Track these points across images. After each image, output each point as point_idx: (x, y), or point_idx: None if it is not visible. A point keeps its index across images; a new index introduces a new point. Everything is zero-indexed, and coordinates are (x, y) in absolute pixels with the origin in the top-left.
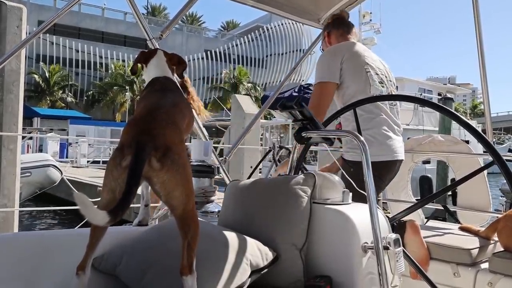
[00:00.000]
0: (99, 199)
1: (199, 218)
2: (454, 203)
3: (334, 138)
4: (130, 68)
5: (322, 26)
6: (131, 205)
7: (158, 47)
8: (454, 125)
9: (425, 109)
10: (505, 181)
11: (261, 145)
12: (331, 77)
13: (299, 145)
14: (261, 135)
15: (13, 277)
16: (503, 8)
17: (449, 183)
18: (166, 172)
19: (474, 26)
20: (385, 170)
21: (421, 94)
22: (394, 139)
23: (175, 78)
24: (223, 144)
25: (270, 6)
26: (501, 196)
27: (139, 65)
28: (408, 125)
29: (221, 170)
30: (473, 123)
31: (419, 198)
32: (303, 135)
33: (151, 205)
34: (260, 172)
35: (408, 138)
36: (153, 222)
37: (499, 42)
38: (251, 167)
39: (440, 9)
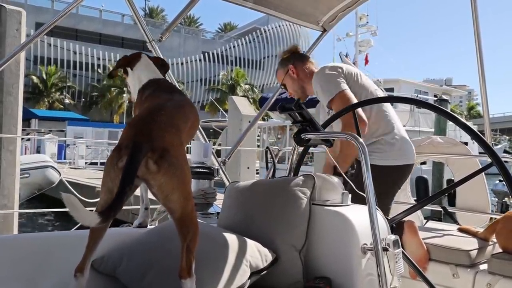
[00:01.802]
0: (98, 199)
1: (198, 220)
2: (450, 203)
3: (333, 140)
4: (109, 73)
5: (321, 28)
6: (131, 207)
7: (158, 49)
8: (450, 126)
9: (421, 111)
10: (497, 182)
11: (258, 146)
12: (344, 86)
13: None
14: (258, 136)
15: (13, 278)
16: (499, 10)
17: (444, 183)
18: (163, 175)
19: (472, 28)
20: (407, 174)
21: (417, 96)
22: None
23: None
24: (219, 145)
25: (269, 8)
26: (493, 197)
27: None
28: (404, 126)
29: (220, 171)
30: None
31: (415, 198)
32: (302, 137)
33: (151, 206)
34: (257, 173)
35: None
36: (153, 224)
37: (493, 44)
38: (248, 168)
39: (437, 11)
